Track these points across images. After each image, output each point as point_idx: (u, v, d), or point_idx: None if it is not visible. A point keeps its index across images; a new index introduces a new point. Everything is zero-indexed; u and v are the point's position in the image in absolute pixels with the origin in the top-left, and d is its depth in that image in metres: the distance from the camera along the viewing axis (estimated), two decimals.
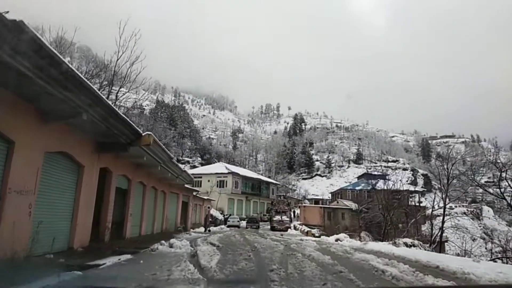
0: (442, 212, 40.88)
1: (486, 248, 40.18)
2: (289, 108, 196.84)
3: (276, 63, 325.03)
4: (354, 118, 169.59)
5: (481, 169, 32.56)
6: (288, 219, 37.37)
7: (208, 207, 37.56)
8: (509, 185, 22.14)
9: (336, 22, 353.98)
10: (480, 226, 66.84)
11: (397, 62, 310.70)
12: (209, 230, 31.04)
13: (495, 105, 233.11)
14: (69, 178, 10.61)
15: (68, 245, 10.64)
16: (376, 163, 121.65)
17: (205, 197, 43.51)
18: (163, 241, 13.27)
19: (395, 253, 11.53)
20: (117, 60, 26.80)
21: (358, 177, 68.84)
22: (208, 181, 52.62)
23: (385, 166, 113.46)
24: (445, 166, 26.47)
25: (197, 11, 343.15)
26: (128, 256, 10.44)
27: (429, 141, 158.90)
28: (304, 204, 49.09)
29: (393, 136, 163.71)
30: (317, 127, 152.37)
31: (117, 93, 28.85)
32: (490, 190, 28.25)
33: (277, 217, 37.14)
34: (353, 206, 54.23)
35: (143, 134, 12.06)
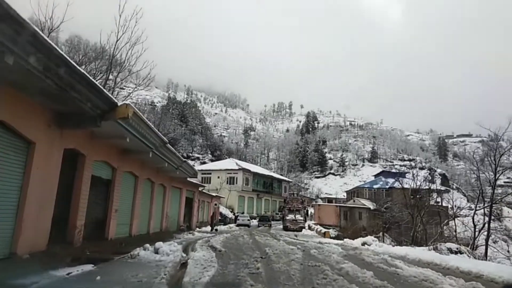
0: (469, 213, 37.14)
1: None
2: (302, 107, 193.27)
3: (289, 61, 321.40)
4: (368, 117, 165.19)
5: None
6: (302, 218, 34.14)
7: (216, 205, 34.51)
8: None
9: (350, 19, 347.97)
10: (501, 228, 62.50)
11: (411, 60, 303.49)
12: (216, 230, 28.06)
13: None
14: (11, 160, 7.62)
15: (10, 250, 7.67)
16: (391, 161, 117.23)
17: (214, 194, 40.58)
18: (147, 245, 10.26)
19: (459, 266, 8.26)
20: (117, 41, 24.02)
21: (375, 175, 65.08)
22: (218, 177, 49.71)
23: (401, 165, 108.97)
24: (492, 157, 22.73)
25: (210, 9, 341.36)
26: (89, 267, 7.48)
27: (446, 140, 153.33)
28: (318, 203, 45.73)
29: (408, 135, 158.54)
30: (330, 125, 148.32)
31: (116, 78, 26.07)
32: None
33: (291, 216, 33.94)
34: (371, 205, 50.70)
35: (119, 104, 9.03)
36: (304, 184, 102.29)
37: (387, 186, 54.14)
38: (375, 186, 54.77)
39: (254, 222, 45.99)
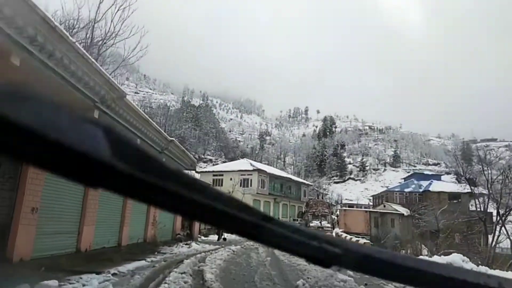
0: None
1: None
2: (318, 112, 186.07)
3: (305, 67, 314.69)
4: (386, 122, 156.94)
5: None
6: (329, 225, 27.82)
7: None
8: None
9: (369, 24, 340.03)
10: None
11: (431, 63, 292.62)
12: (225, 239, 22.03)
13: None
14: None
15: None
16: (415, 166, 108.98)
17: None
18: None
19: None
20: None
21: (406, 178, 58.07)
22: (231, 179, 43.72)
23: (425, 169, 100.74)
24: None
25: (225, 13, 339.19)
26: None
27: (470, 145, 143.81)
28: (344, 208, 39.26)
29: (429, 140, 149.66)
30: (349, 130, 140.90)
31: (100, 48, 20.52)
32: None
33: (315, 223, 27.68)
34: (404, 211, 43.77)
35: None
36: (323, 189, 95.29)
37: (420, 190, 47.12)
38: (406, 190, 47.83)
39: None
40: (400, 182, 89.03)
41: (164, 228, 16.37)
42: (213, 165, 68.19)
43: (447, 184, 50.00)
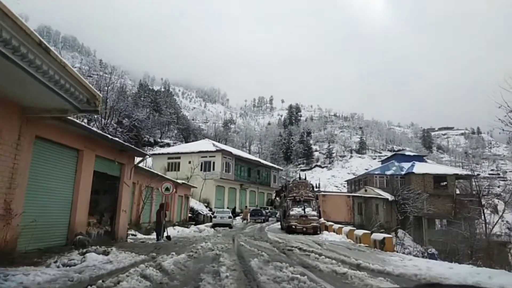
0: None
1: None
2: (283, 101, 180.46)
3: (269, 57, 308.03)
4: (350, 110, 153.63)
5: None
6: (316, 213, 20.68)
7: (169, 190, 19.53)
8: None
9: (332, 13, 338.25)
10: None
11: (391, 52, 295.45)
12: (168, 237, 14.19)
13: (494, 97, 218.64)
14: None
15: None
16: (380, 152, 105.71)
17: (180, 181, 26.66)
18: None
19: None
20: None
21: (386, 159, 52.50)
22: (189, 162, 35.71)
23: (383, 160, 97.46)
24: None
25: (188, 1, 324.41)
26: None
27: (429, 132, 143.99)
28: (323, 192, 32.59)
29: (390, 128, 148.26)
30: (314, 118, 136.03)
31: None
32: None
33: (297, 210, 20.47)
34: (387, 195, 37.84)
35: None
36: (290, 177, 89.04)
37: (402, 172, 41.42)
38: (387, 173, 41.98)
39: (238, 220, 32.33)
40: (366, 168, 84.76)
41: (38, 225, 8.38)
42: None
43: (431, 166, 44.88)
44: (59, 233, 9.92)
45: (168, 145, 64.16)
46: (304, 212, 20.24)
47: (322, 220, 22.00)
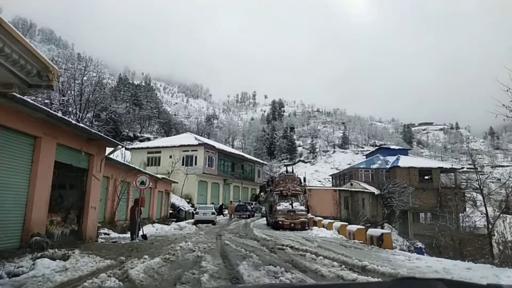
0: None
1: None
2: (266, 97, 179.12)
3: (252, 52, 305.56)
4: (331, 107, 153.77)
5: None
6: (304, 208, 19.58)
7: (145, 184, 17.40)
8: None
9: (315, 9, 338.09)
10: None
11: (373, 49, 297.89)
12: (144, 236, 12.72)
13: (473, 93, 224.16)
14: None
15: None
16: (363, 147, 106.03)
17: (160, 176, 25.06)
18: None
19: None
20: None
21: (371, 153, 51.98)
22: (170, 157, 34.02)
23: (364, 154, 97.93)
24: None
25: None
26: None
27: (410, 128, 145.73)
28: (309, 186, 31.57)
29: (371, 124, 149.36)
30: (297, 113, 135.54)
31: None
32: None
33: (284, 205, 19.30)
34: (373, 189, 37.21)
35: None
36: (273, 173, 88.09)
37: (387, 166, 40.89)
38: (372, 166, 41.36)
39: (222, 217, 31.00)
40: (349, 163, 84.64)
41: None
42: None
43: (416, 159, 44.58)
44: (10, 234, 8.38)
45: (149, 139, 62.02)
46: (292, 207, 19.08)
47: (310, 215, 20.92)
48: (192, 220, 24.97)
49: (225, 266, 6.66)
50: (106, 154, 12.29)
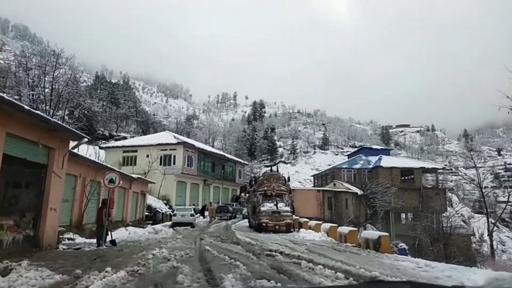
0: None
1: None
2: (246, 98, 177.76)
3: (233, 53, 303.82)
4: (312, 108, 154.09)
5: None
6: (289, 208, 18.45)
7: (114, 182, 15.22)
8: None
9: (293, 9, 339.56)
10: None
11: (352, 52, 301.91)
12: (113, 242, 11.20)
13: (447, 96, 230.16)
14: None
15: None
16: (343, 148, 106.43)
17: (135, 176, 23.39)
18: None
19: None
20: None
21: (353, 153, 51.53)
22: (147, 156, 32.29)
23: (346, 154, 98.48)
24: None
25: None
26: None
27: (388, 129, 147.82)
28: (292, 187, 30.50)
29: (350, 125, 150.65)
30: (278, 114, 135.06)
31: None
32: None
33: (268, 206, 18.12)
34: (356, 190, 36.58)
35: None
36: (254, 173, 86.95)
37: (370, 166, 40.42)
38: (355, 166, 40.80)
39: (201, 218, 29.52)
40: (329, 164, 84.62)
41: None
42: None
43: (398, 159, 44.36)
44: None
45: (125, 138, 59.70)
46: (277, 207, 17.90)
47: (295, 216, 19.81)
48: (169, 223, 23.41)
49: (207, 281, 5.38)
50: (70, 148, 10.73)
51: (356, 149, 64.93)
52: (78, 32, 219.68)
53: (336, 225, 15.00)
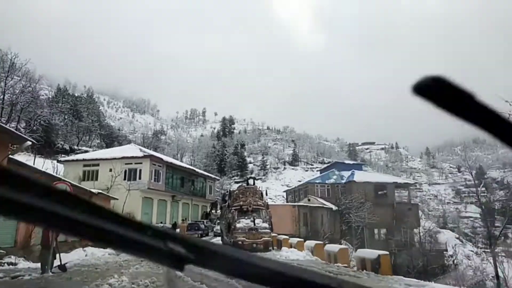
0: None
1: None
2: (216, 114, 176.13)
3: (202, 69, 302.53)
4: (281, 125, 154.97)
5: None
6: (267, 225, 16.95)
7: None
8: None
9: (262, 27, 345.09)
10: None
11: (317, 70, 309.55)
12: (61, 267, 9.15)
13: (409, 114, 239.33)
14: None
15: None
16: (312, 164, 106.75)
17: (95, 191, 21.04)
18: None
19: None
20: None
21: (325, 168, 50.95)
22: (110, 170, 29.72)
23: (321, 168, 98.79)
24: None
25: (121, 6, 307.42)
26: None
27: (354, 147, 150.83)
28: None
29: (319, 142, 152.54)
30: (248, 130, 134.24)
31: None
32: None
33: (244, 222, 16.57)
34: (331, 205, 35.70)
35: None
36: (224, 190, 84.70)
37: (343, 181, 39.82)
38: (328, 181, 40.04)
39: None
40: (299, 180, 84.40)
41: None
42: None
43: (371, 174, 44.17)
44: None
45: (87, 152, 56.17)
46: (254, 224, 16.33)
47: (273, 233, 18.31)
48: None
49: None
50: (9, 154, 8.77)
51: (328, 164, 64.76)
52: (40, 43, 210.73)
53: (321, 242, 13.66)
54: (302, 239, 16.04)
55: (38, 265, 11.85)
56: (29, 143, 8.55)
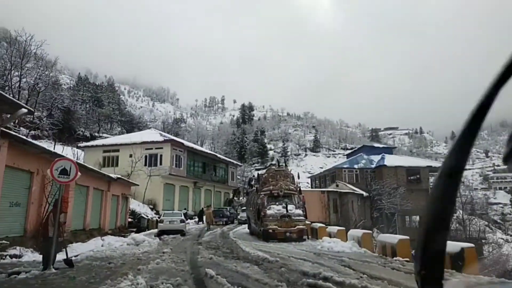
0: None
1: None
2: (235, 101, 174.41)
3: (220, 56, 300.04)
4: (301, 110, 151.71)
5: None
6: (301, 211, 15.14)
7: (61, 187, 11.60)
8: None
9: (280, 13, 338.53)
10: None
11: (338, 54, 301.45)
12: (67, 262, 7.55)
13: (434, 98, 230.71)
14: None
15: None
16: (334, 150, 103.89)
17: (114, 176, 19.73)
18: None
19: None
20: None
21: (353, 152, 48.58)
22: (130, 156, 28.49)
23: (344, 154, 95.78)
24: None
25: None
26: None
27: (377, 132, 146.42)
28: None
29: (341, 128, 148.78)
30: (267, 117, 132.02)
31: None
32: None
33: (276, 209, 14.78)
34: (361, 191, 33.47)
35: None
36: (245, 177, 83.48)
37: (372, 166, 37.42)
38: (356, 166, 37.75)
39: (192, 224, 25.91)
40: (321, 166, 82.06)
41: None
42: None
43: (403, 158, 41.57)
44: None
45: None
46: (287, 210, 14.53)
47: (307, 221, 16.47)
48: (155, 231, 19.77)
49: None
50: (1, 123, 7.15)
51: (352, 149, 62.10)
52: (60, 34, 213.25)
53: (369, 231, 11.71)
54: (343, 228, 14.13)
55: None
56: (24, 110, 6.97)
